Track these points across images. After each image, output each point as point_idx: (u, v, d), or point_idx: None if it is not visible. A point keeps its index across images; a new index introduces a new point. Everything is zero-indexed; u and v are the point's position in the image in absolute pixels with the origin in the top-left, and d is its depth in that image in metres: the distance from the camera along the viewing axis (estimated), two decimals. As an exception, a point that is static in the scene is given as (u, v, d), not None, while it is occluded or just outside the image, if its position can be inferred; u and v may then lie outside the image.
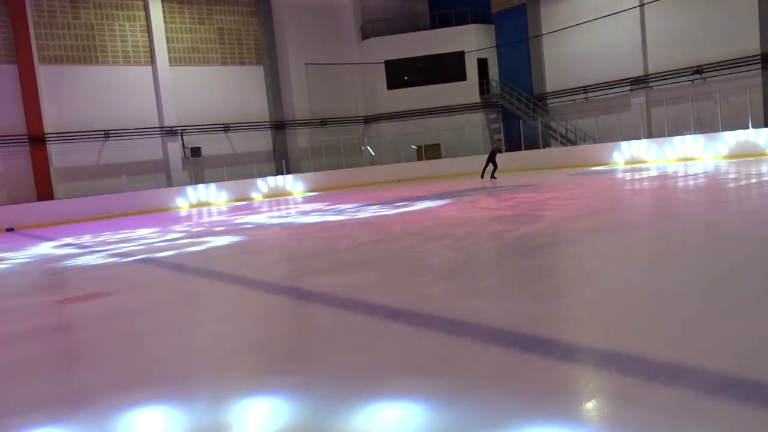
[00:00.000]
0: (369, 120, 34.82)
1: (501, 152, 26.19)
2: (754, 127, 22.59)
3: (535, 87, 32.45)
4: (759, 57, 23.88)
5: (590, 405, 2.97)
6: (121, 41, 28.36)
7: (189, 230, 15.08)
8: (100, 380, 4.16)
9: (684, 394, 2.96)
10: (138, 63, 28.74)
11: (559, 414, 2.87)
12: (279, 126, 32.42)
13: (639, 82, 27.87)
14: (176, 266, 9.31)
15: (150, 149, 28.97)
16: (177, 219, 19.84)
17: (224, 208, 23.50)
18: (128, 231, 16.52)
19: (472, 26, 33.65)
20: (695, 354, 3.48)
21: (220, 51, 31.10)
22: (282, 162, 31.81)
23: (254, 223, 15.21)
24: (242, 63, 31.78)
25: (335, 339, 4.64)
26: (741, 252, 6.28)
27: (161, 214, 23.31)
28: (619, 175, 19.38)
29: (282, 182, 29.34)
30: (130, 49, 28.57)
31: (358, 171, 31.44)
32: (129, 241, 13.56)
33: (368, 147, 34.12)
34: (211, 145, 30.40)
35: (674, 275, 5.61)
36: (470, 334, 4.28)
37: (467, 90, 33.57)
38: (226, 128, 30.85)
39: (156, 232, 15.22)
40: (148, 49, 28.94)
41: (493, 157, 24.41)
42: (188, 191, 26.92)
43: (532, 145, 30.66)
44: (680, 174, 17.49)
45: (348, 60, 34.29)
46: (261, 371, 4.02)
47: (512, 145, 31.80)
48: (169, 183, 28.92)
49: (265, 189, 28.70)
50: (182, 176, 29.45)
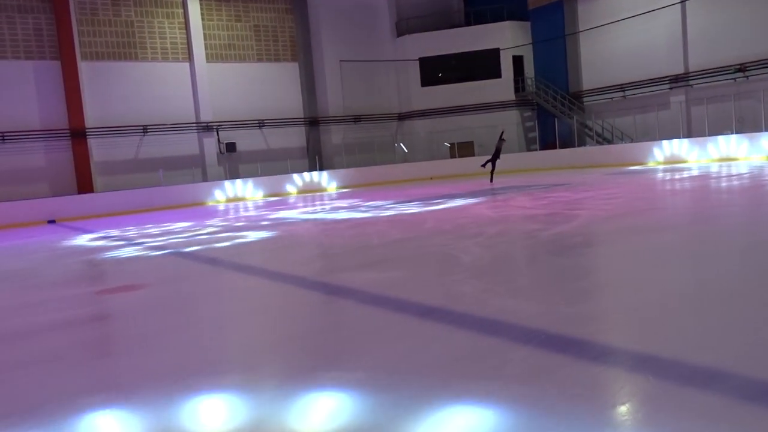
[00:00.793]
0: (402, 117, 34.79)
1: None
2: (799, 127, 21.91)
3: (571, 85, 32.00)
4: (805, 55, 23.15)
5: (624, 408, 2.92)
6: (160, 38, 28.84)
7: (223, 225, 15.27)
8: (134, 370, 4.24)
9: (721, 400, 2.89)
10: (176, 60, 29.20)
11: (592, 417, 2.82)
12: (313, 122, 32.61)
13: (679, 80, 27.26)
14: (210, 260, 9.45)
15: (186, 144, 29.43)
16: (212, 213, 20.12)
17: (258, 204, 23.74)
18: (164, 224, 16.81)
19: (508, 23, 33.33)
20: (733, 359, 3.39)
21: (256, 48, 31.40)
22: (315, 158, 31.99)
23: (287, 219, 15.34)
24: (277, 60, 32.04)
25: (365, 335, 4.65)
26: (783, 255, 6.10)
27: (196, 209, 23.67)
28: (657, 175, 19.00)
29: (315, 178, 29.51)
30: (169, 46, 29.05)
31: (391, 168, 31.43)
32: (165, 235, 13.80)
33: (401, 144, 34.09)
34: (246, 141, 30.73)
35: (712, 278, 5.48)
36: (502, 334, 4.25)
37: (502, 87, 33.27)
38: (261, 124, 31.16)
39: (191, 226, 15.46)
40: (186, 46, 29.38)
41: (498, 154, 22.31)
42: (223, 186, 27.28)
43: (567, 144, 30.25)
44: (720, 175, 17.07)
45: (382, 57, 34.29)
46: (291, 366, 4.05)
47: (547, 144, 31.42)
48: (205, 178, 29.34)
49: (299, 185, 28.91)
50: (217, 171, 29.85)
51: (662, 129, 27.17)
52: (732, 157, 22.78)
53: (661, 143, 25.39)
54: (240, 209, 21.30)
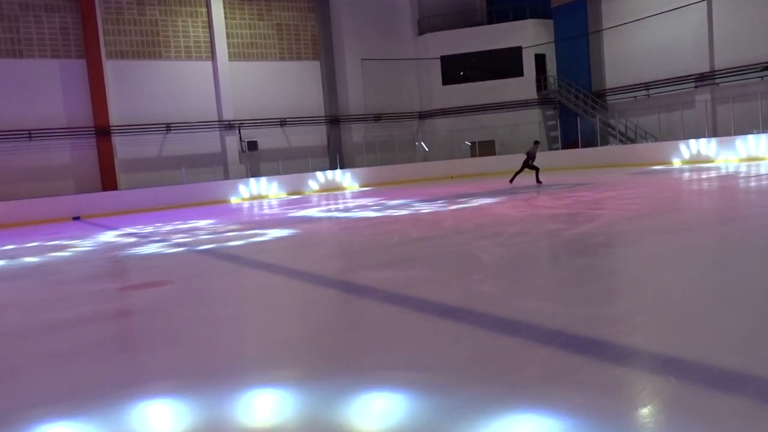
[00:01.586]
0: (423, 116, 34.72)
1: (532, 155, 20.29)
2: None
3: (594, 83, 31.69)
4: (836, 53, 22.67)
5: (645, 410, 2.89)
6: (184, 37, 29.12)
7: (245, 222, 15.38)
8: (155, 366, 4.29)
9: (745, 404, 2.84)
10: (199, 58, 29.47)
11: (613, 418, 2.80)
12: (334, 121, 32.69)
13: (704, 79, 26.86)
14: (232, 257, 9.52)
15: (209, 142, 29.69)
16: (234, 211, 20.27)
17: (279, 202, 23.87)
18: (187, 222, 16.98)
19: (530, 21, 33.09)
20: (758, 362, 3.33)
21: (278, 46, 31.57)
22: (336, 157, 32.07)
23: (308, 217, 15.40)
24: (299, 58, 32.18)
25: (384, 334, 4.66)
26: (811, 257, 5.99)
27: (218, 206, 23.86)
28: (681, 175, 18.75)
29: (336, 177, 29.58)
30: (192, 45, 29.32)
31: (412, 167, 31.40)
32: (187, 232, 13.93)
33: (422, 143, 34.04)
34: (268, 139, 30.91)
35: (736, 279, 5.39)
36: (522, 334, 4.22)
37: (524, 86, 33.05)
38: (282, 123, 31.31)
39: (213, 224, 15.59)
40: (209, 45, 29.63)
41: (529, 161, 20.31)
42: (245, 184, 27.47)
43: (590, 143, 29.96)
44: (746, 175, 16.78)
45: (404, 55, 34.26)
46: (310, 364, 4.07)
47: (569, 143, 31.15)
48: (227, 176, 29.58)
49: (320, 183, 29.01)
50: (239, 169, 30.07)
51: (687, 128, 26.80)
52: (759, 157, 22.39)
53: (686, 142, 25.03)
54: (261, 207, 21.44)
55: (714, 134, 26.07)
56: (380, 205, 16.98)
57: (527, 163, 20.17)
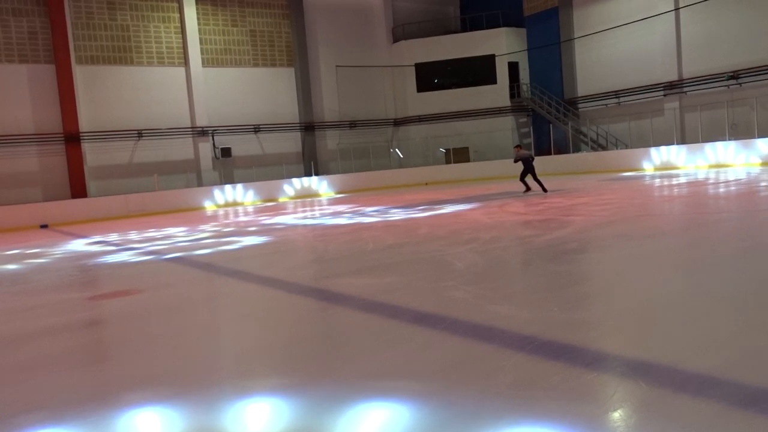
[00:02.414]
0: (398, 123, 34.84)
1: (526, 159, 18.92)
2: (793, 134, 22.03)
3: (566, 91, 32.13)
4: (798, 62, 23.31)
5: (616, 414, 2.92)
6: (156, 42, 28.82)
7: (218, 230, 15.24)
8: (126, 377, 4.21)
9: (714, 406, 2.89)
10: (172, 64, 29.17)
11: (584, 423, 2.82)
12: (309, 127, 32.61)
13: (673, 87, 27.40)
14: (205, 265, 9.42)
15: (181, 149, 29.37)
16: (206, 218, 20.07)
17: (253, 209, 23.70)
18: (159, 230, 16.76)
19: (504, 29, 33.45)
20: (726, 365, 3.39)
21: (252, 53, 31.41)
22: (311, 163, 31.98)
23: (282, 224, 15.31)
24: (273, 65, 32.05)
25: (359, 342, 4.65)
26: (776, 262, 6.12)
27: (191, 214, 23.61)
28: (651, 181, 19.06)
29: (310, 183, 29.49)
30: (164, 51, 29.02)
31: (387, 173, 31.45)
32: (159, 240, 13.75)
33: (397, 149, 34.12)
34: (241, 146, 30.70)
35: (705, 284, 5.49)
36: (495, 340, 4.24)
37: (497, 93, 33.38)
38: (257, 129, 31.14)
39: (185, 231, 15.42)
40: (182, 51, 29.36)
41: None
42: (218, 191, 27.20)
43: (562, 150, 30.35)
44: (713, 181, 17.13)
45: (378, 62, 34.36)
46: (283, 373, 4.04)
47: (542, 150, 31.49)
48: (200, 183, 29.29)
49: (295, 190, 28.88)
50: (212, 176, 29.79)
51: (656, 135, 27.30)
52: (725, 164, 22.88)
53: (656, 149, 25.49)
54: (235, 214, 21.26)
55: (682, 141, 26.59)
56: (355, 212, 16.96)
57: (530, 165, 18.66)
